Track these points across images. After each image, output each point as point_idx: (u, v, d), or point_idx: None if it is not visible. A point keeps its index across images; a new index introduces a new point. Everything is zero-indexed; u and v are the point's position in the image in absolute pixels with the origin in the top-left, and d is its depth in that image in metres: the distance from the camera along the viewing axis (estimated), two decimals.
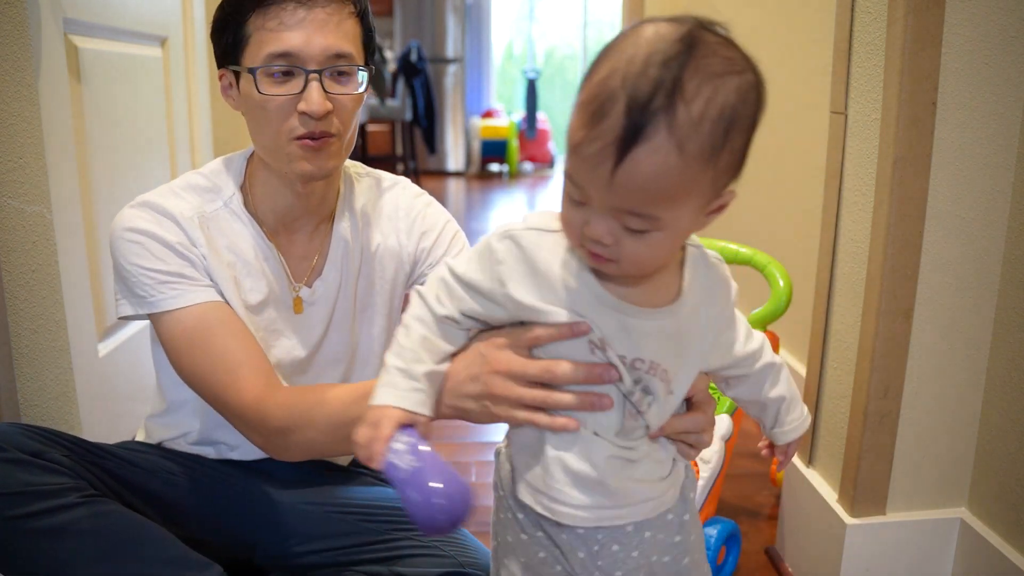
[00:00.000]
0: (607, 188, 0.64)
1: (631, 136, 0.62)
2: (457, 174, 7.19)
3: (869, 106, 1.14)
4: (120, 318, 1.02)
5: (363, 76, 1.00)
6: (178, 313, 0.97)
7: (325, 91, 0.96)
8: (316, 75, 0.95)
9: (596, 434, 0.73)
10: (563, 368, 0.71)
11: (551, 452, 0.73)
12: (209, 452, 1.11)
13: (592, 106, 0.63)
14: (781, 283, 1.44)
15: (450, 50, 6.92)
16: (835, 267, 1.25)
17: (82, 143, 1.57)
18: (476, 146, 7.11)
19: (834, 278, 1.25)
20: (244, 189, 1.06)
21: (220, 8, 0.98)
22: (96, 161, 1.62)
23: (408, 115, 5.69)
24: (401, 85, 5.60)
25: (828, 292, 1.27)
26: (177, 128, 2.03)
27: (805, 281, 1.56)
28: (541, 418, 0.72)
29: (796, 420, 0.87)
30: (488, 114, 7.38)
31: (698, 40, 0.64)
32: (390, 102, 5.51)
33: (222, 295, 1.01)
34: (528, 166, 7.42)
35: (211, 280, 1.01)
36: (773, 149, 2.00)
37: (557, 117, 8.27)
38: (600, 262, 0.69)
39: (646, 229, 0.66)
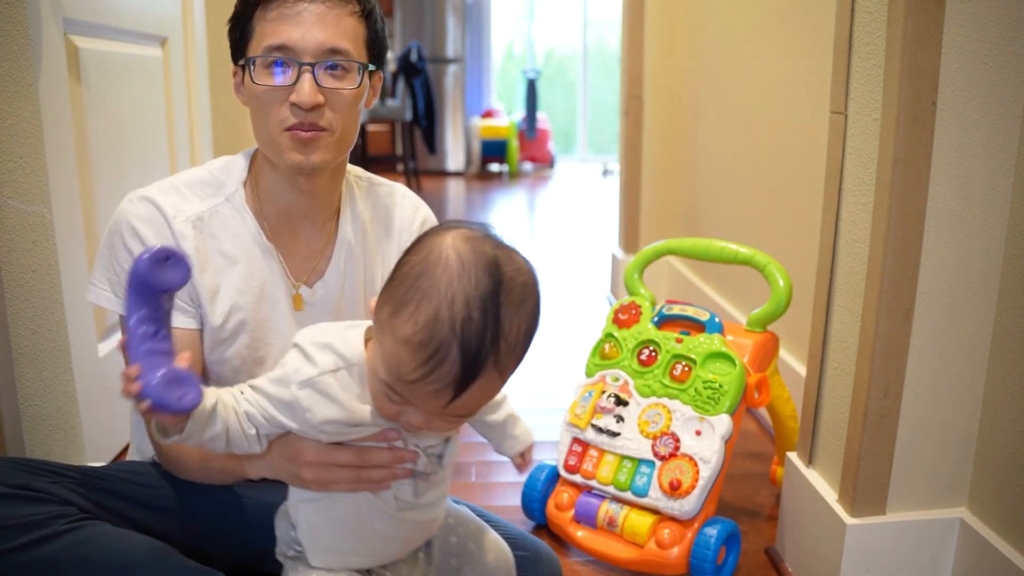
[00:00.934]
0: (439, 411, 0.79)
1: (467, 379, 0.76)
2: (457, 174, 7.19)
3: (869, 106, 1.14)
4: (89, 300, 1.04)
5: (362, 73, 1.03)
6: None
7: (318, 84, 0.99)
8: (309, 68, 0.98)
9: (396, 497, 0.89)
10: (378, 455, 0.86)
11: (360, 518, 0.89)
12: None
13: (427, 350, 0.74)
14: (781, 283, 1.44)
15: (450, 50, 6.92)
16: (835, 267, 1.25)
17: (82, 143, 1.57)
18: (476, 146, 7.11)
19: (834, 278, 1.25)
20: (247, 185, 1.08)
21: (236, 5, 1.03)
22: (96, 161, 1.62)
23: (408, 115, 5.69)
24: (401, 85, 5.60)
25: (828, 292, 1.27)
26: (177, 128, 2.03)
27: (805, 281, 1.56)
28: (362, 487, 0.87)
29: (523, 431, 1.06)
30: (488, 114, 7.37)
31: (502, 272, 0.77)
32: (390, 102, 5.51)
33: (202, 306, 1.04)
34: (528, 166, 7.42)
35: (188, 299, 1.03)
36: (773, 149, 2.00)
37: (557, 117, 8.27)
38: (396, 433, 0.86)
39: (457, 425, 0.84)
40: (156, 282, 0.78)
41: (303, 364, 0.83)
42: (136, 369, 0.78)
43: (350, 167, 1.14)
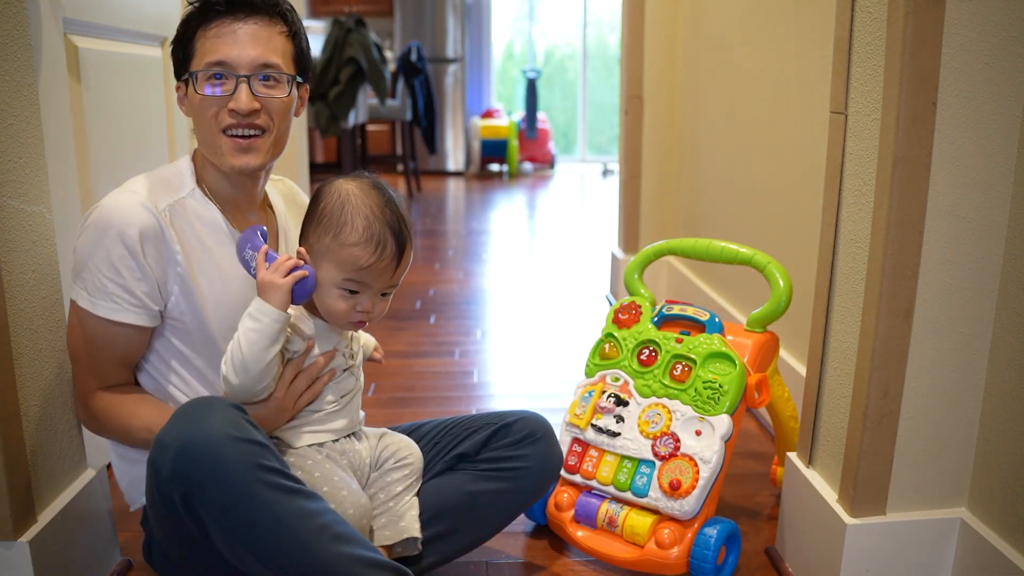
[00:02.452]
0: (388, 279, 1.16)
1: (401, 250, 1.15)
2: (457, 174, 7.19)
3: (869, 106, 1.14)
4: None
5: (291, 84, 1.19)
6: (100, 319, 1.14)
7: (253, 93, 1.15)
8: (245, 79, 1.14)
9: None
10: (316, 366, 1.17)
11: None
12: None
13: (373, 241, 1.12)
14: (781, 283, 1.44)
15: (450, 50, 6.92)
16: (835, 267, 1.25)
17: (82, 143, 1.57)
18: (476, 146, 7.11)
19: (834, 278, 1.25)
20: (199, 183, 1.22)
21: (177, 28, 1.18)
22: (96, 161, 1.62)
23: (408, 115, 5.68)
24: (401, 85, 5.60)
25: (828, 292, 1.27)
26: (177, 128, 2.02)
27: (805, 281, 1.56)
28: (317, 392, 1.18)
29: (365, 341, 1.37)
30: (488, 114, 7.37)
31: (383, 187, 1.17)
32: (390, 102, 5.51)
33: (187, 286, 1.17)
34: (528, 166, 7.42)
35: (162, 291, 1.16)
36: (773, 149, 2.00)
37: (557, 117, 8.27)
38: (359, 325, 1.18)
39: (390, 293, 1.19)
40: (260, 241, 1.14)
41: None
42: (295, 259, 1.12)
43: None
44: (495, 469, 1.29)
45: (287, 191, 1.40)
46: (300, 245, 1.17)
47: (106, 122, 1.66)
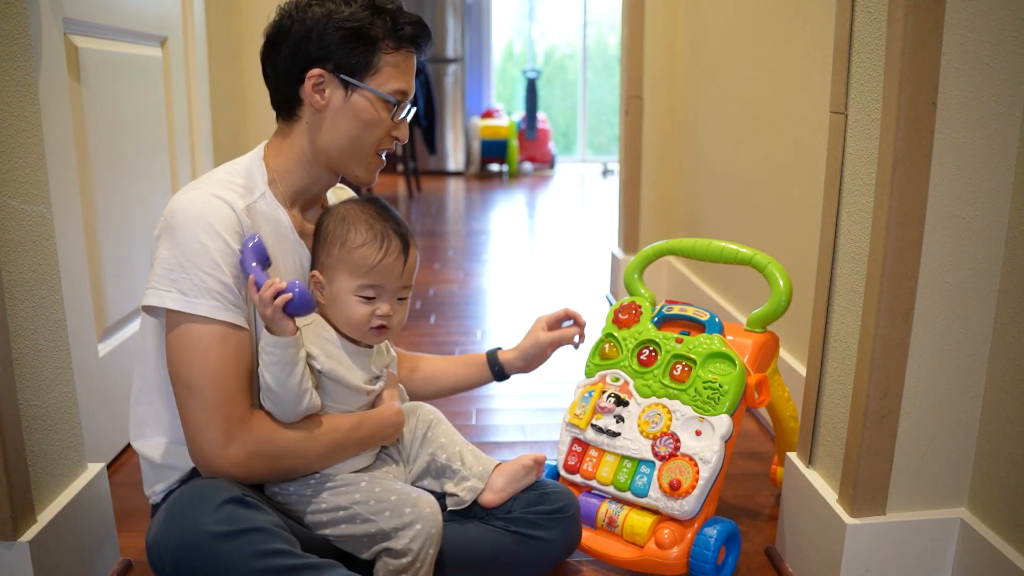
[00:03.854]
0: (399, 276, 1.18)
1: (406, 244, 1.18)
2: (457, 174, 7.19)
3: (869, 106, 1.14)
4: (145, 307, 1.10)
5: None
6: (205, 322, 1.07)
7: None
8: (408, 110, 1.22)
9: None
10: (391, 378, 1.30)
11: None
12: None
13: (378, 239, 1.16)
14: (781, 283, 1.44)
15: (450, 50, 6.92)
16: (835, 267, 1.25)
17: (82, 143, 1.57)
18: (476, 146, 7.10)
19: (834, 278, 1.25)
20: (271, 184, 1.20)
21: (350, 18, 1.15)
22: (96, 161, 1.62)
23: None
24: None
25: (828, 292, 1.27)
26: (177, 128, 2.02)
27: (805, 281, 1.56)
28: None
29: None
30: (488, 114, 7.37)
31: (375, 198, 1.23)
32: None
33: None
34: (528, 166, 7.41)
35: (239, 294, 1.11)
36: (773, 149, 2.00)
37: (557, 117, 8.27)
38: (382, 332, 1.19)
39: (406, 296, 1.21)
40: (264, 255, 1.09)
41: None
42: (280, 282, 1.05)
43: None
44: (522, 534, 1.28)
45: (344, 195, 1.39)
46: (312, 270, 1.19)
47: (106, 122, 1.66)
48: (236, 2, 2.74)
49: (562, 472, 1.47)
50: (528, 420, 2.03)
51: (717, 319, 1.46)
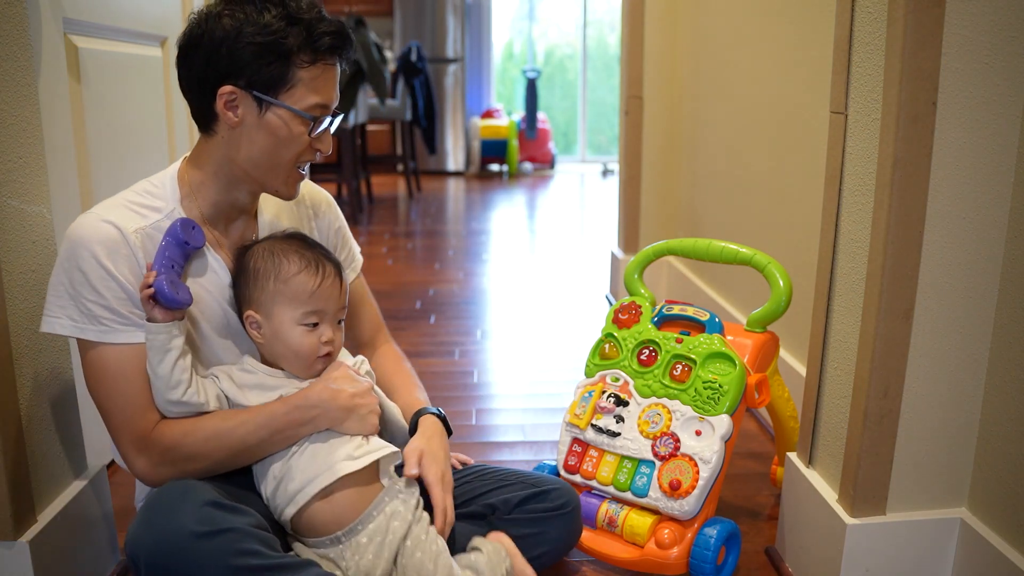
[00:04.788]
0: (338, 299, 1.18)
1: (336, 264, 1.19)
2: (457, 174, 7.19)
3: (869, 106, 1.14)
4: (44, 331, 1.10)
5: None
6: (100, 347, 1.09)
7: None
8: (330, 123, 1.16)
9: None
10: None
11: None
12: None
13: (311, 266, 1.16)
14: (781, 283, 1.44)
15: (450, 50, 6.92)
16: (835, 267, 1.25)
17: (82, 143, 1.57)
18: (476, 146, 7.11)
19: (834, 278, 1.25)
20: (182, 202, 1.17)
21: (262, 31, 1.08)
22: (96, 161, 1.62)
23: (408, 115, 5.68)
24: (401, 85, 5.60)
25: (828, 292, 1.27)
26: (177, 128, 2.02)
27: (805, 281, 1.56)
28: None
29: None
30: (488, 114, 7.37)
31: (292, 231, 1.23)
32: (390, 102, 5.50)
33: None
34: (528, 166, 7.41)
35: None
36: (773, 149, 2.00)
37: (557, 117, 8.27)
38: (327, 360, 1.18)
39: (343, 319, 1.21)
40: (183, 237, 1.09)
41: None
42: (153, 273, 1.06)
43: None
44: (525, 535, 1.28)
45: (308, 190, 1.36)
46: (245, 310, 1.16)
47: (106, 122, 1.66)
48: None
49: (562, 472, 1.47)
50: (528, 420, 2.03)
51: (717, 319, 1.46)
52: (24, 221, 1.15)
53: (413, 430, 1.26)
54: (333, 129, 1.19)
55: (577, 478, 1.45)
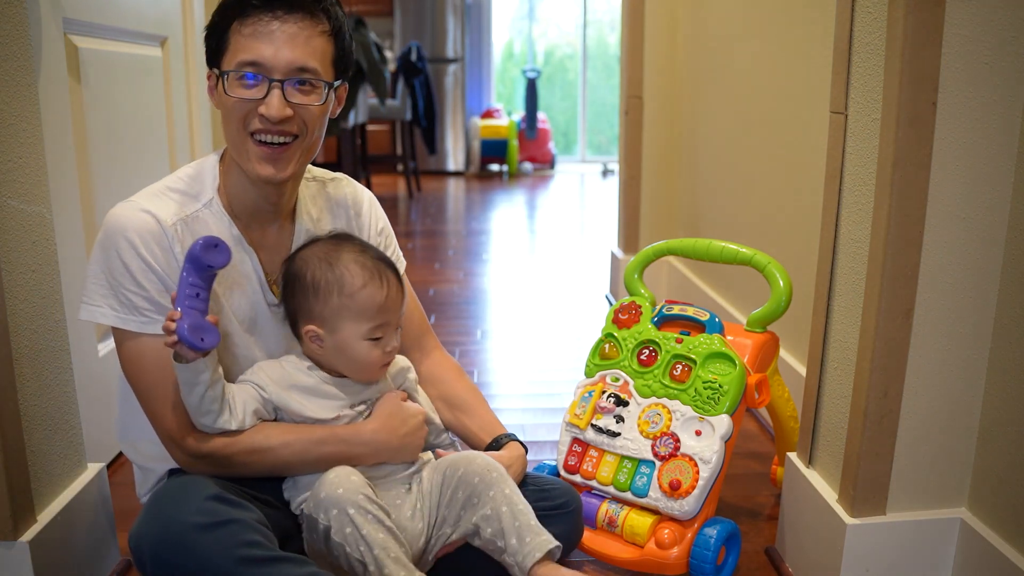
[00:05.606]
0: (399, 308, 1.16)
1: (398, 276, 1.17)
2: (457, 174, 7.19)
3: (869, 106, 1.14)
4: (83, 319, 1.11)
5: (327, 90, 1.12)
6: (140, 337, 1.09)
7: (286, 99, 1.08)
8: (278, 84, 1.07)
9: None
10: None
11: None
12: None
13: (375, 277, 1.12)
14: (781, 283, 1.44)
15: (450, 50, 6.91)
16: (835, 267, 1.25)
17: (82, 143, 1.57)
18: (476, 146, 7.11)
19: (834, 278, 1.25)
20: (221, 191, 1.16)
21: (213, 14, 1.11)
22: (96, 161, 1.62)
23: (408, 115, 5.68)
24: (401, 85, 5.60)
25: (828, 292, 1.27)
26: (177, 128, 2.02)
27: (805, 281, 1.56)
28: None
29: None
30: (488, 114, 7.37)
31: (340, 234, 1.20)
32: (390, 102, 5.50)
33: None
34: (528, 166, 7.41)
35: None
36: (773, 149, 2.00)
37: (557, 117, 8.27)
38: (388, 367, 1.18)
39: (400, 326, 1.19)
40: (205, 260, 1.00)
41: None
42: (176, 313, 1.00)
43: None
44: None
45: (336, 194, 1.30)
46: (305, 324, 1.13)
47: (106, 122, 1.66)
48: None
49: (562, 472, 1.47)
50: (528, 420, 2.03)
51: (717, 319, 1.46)
52: (24, 221, 1.14)
53: (493, 447, 1.30)
54: (270, 91, 1.07)
55: (577, 478, 1.45)
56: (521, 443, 1.32)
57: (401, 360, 1.25)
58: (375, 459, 1.14)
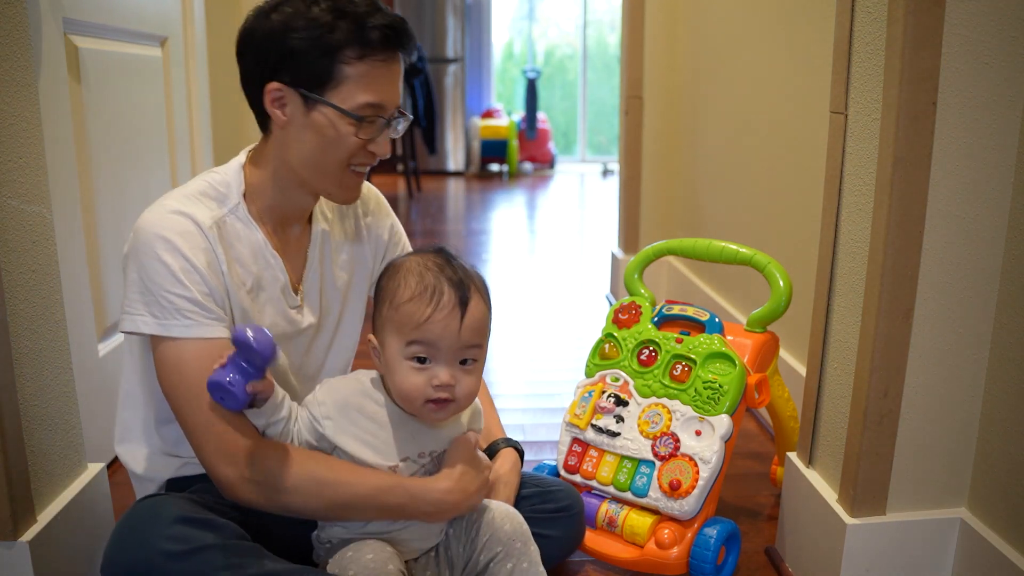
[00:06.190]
0: (457, 335, 1.02)
1: (464, 298, 1.03)
2: (457, 174, 7.19)
3: (869, 106, 1.14)
4: (124, 332, 1.07)
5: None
6: (182, 342, 1.04)
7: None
8: (387, 123, 1.11)
9: None
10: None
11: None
12: None
13: (427, 293, 1.02)
14: (781, 283, 1.44)
15: (450, 50, 6.91)
16: (835, 267, 1.25)
17: (82, 143, 1.57)
18: (476, 146, 7.11)
19: (834, 278, 1.25)
20: (245, 196, 1.14)
21: (308, 25, 1.04)
22: (96, 161, 1.62)
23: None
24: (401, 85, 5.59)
25: (828, 292, 1.27)
26: (177, 128, 2.02)
27: (805, 281, 1.56)
28: None
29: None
30: (488, 114, 7.37)
31: (444, 249, 1.09)
32: None
33: (233, 308, 1.10)
34: (528, 166, 7.41)
35: (225, 304, 1.08)
36: (773, 149, 2.00)
37: (557, 117, 8.27)
38: (443, 407, 1.04)
39: (475, 359, 1.05)
40: (256, 348, 0.96)
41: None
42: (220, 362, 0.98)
43: None
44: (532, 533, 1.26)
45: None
46: (370, 334, 1.09)
47: (106, 122, 1.66)
48: (236, 2, 2.73)
49: (562, 472, 1.47)
50: (528, 420, 2.03)
51: (717, 319, 1.46)
52: (24, 221, 1.14)
53: (487, 454, 1.26)
54: (398, 132, 1.13)
55: (577, 478, 1.45)
56: (516, 446, 1.31)
57: (476, 404, 1.17)
58: (437, 519, 1.09)
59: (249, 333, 0.95)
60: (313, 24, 1.04)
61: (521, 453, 1.32)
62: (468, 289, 1.04)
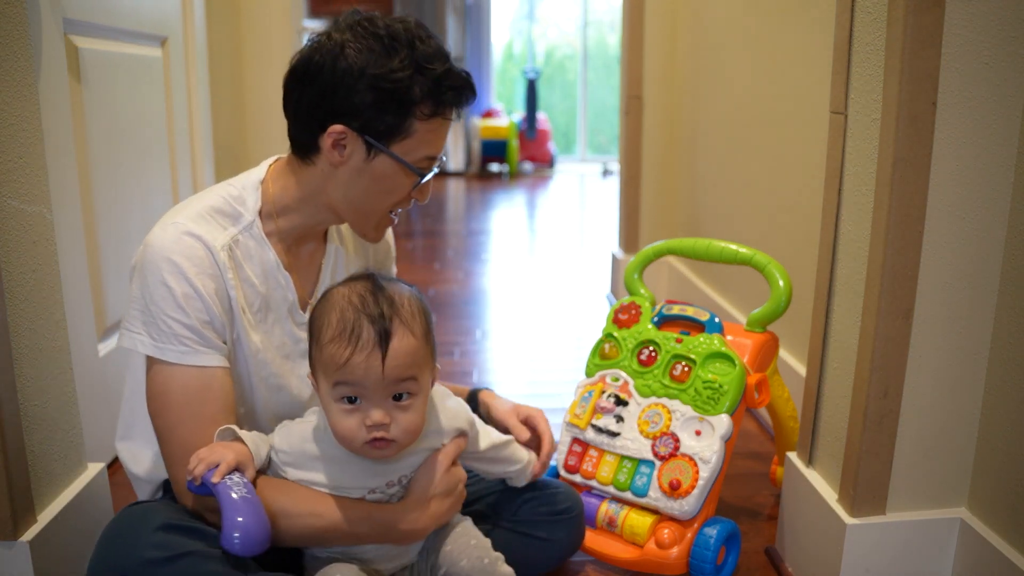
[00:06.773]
0: (380, 374, 0.96)
1: (385, 334, 0.96)
2: (457, 174, 7.19)
3: (869, 106, 1.14)
4: (124, 347, 1.06)
5: None
6: (173, 367, 1.03)
7: None
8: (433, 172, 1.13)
9: None
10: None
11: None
12: None
13: (345, 333, 0.96)
14: (781, 283, 1.44)
15: (450, 50, 6.88)
16: (835, 267, 1.25)
17: (82, 143, 1.57)
18: (476, 146, 7.11)
19: (834, 278, 1.25)
20: (262, 214, 1.13)
21: (388, 77, 1.04)
22: (96, 161, 1.62)
23: None
24: None
25: (828, 292, 1.27)
26: (177, 128, 2.03)
27: (805, 281, 1.56)
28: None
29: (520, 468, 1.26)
30: (488, 114, 7.37)
31: (372, 275, 1.02)
32: None
33: (239, 334, 1.10)
34: (528, 166, 7.41)
35: (226, 332, 1.07)
36: (773, 149, 2.00)
37: (557, 117, 8.27)
38: (383, 446, 0.99)
39: (411, 392, 0.99)
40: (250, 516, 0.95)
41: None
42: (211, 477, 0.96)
43: None
44: (528, 535, 1.27)
45: None
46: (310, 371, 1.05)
47: (106, 122, 1.66)
48: (236, 2, 2.74)
49: (562, 472, 1.47)
50: None
51: (717, 319, 1.46)
52: (24, 221, 1.14)
53: (471, 401, 1.34)
54: (431, 182, 1.16)
55: (577, 478, 1.45)
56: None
57: (457, 407, 1.14)
58: (410, 541, 1.09)
59: (236, 539, 0.92)
60: (392, 76, 1.03)
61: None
62: (390, 322, 0.97)
